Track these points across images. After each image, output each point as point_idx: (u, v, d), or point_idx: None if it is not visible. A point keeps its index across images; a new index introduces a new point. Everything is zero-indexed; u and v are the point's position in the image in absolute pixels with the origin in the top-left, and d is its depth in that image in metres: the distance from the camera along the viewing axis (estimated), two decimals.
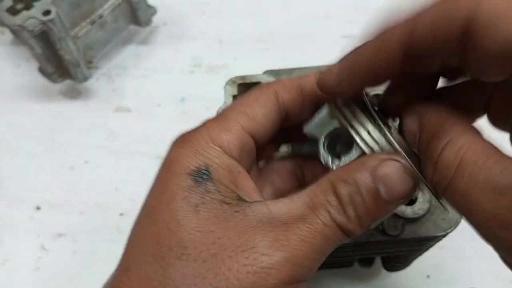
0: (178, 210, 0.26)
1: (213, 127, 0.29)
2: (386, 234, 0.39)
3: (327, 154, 0.30)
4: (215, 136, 0.28)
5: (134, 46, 0.72)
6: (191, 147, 0.28)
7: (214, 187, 0.27)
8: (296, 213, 0.26)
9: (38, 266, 0.55)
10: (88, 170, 0.61)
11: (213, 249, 0.25)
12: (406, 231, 0.39)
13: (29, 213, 0.58)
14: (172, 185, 0.27)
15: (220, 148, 0.28)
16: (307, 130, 0.31)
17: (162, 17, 0.72)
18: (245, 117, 0.29)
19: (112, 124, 0.65)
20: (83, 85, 0.66)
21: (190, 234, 0.25)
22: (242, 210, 0.26)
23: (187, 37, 0.72)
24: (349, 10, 0.74)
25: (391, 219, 0.39)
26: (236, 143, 0.28)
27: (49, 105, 0.67)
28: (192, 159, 0.27)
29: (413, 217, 0.39)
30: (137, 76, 0.69)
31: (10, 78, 0.70)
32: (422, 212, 0.39)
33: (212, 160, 0.28)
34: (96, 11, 0.63)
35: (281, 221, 0.26)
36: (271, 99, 0.30)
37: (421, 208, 0.39)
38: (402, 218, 0.39)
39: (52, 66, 0.62)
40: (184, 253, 0.25)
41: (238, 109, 0.30)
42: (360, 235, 0.28)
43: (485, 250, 0.50)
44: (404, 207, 0.39)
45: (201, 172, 0.27)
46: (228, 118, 0.29)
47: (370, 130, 0.28)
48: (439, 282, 0.52)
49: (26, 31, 0.55)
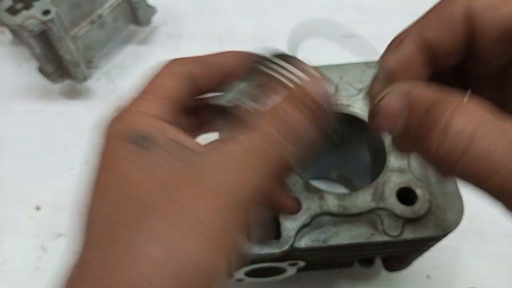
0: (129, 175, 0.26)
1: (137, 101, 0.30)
2: (387, 235, 0.39)
3: None
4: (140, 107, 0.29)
5: (134, 46, 0.72)
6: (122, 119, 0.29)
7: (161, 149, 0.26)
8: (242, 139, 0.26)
9: (38, 266, 0.55)
10: (88, 170, 0.61)
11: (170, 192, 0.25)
12: (406, 232, 0.39)
13: (29, 213, 0.58)
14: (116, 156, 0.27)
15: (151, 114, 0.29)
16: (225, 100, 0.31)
17: (162, 17, 0.72)
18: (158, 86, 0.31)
19: None
20: (83, 85, 0.66)
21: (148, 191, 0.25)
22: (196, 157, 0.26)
23: (187, 37, 0.72)
24: (349, 10, 0.74)
25: (392, 220, 0.39)
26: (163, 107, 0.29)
27: (49, 105, 0.67)
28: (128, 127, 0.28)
29: (413, 217, 0.39)
30: (137, 76, 0.69)
31: (10, 78, 0.70)
32: (422, 212, 0.39)
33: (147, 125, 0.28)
34: (96, 11, 0.63)
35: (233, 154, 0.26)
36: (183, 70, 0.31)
37: (421, 208, 0.39)
38: (402, 218, 0.39)
39: (52, 66, 0.62)
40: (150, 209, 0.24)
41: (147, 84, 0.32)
42: None
43: (485, 250, 0.50)
44: (403, 207, 0.39)
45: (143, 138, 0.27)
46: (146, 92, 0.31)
47: None
48: (439, 282, 0.52)
49: (26, 31, 0.55)
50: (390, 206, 0.40)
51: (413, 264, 0.49)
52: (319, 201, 0.40)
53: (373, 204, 0.40)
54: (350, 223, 0.40)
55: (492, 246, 0.53)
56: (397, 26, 0.31)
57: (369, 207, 0.40)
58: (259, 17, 0.74)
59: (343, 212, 0.40)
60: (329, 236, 0.39)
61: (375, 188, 0.41)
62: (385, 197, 0.40)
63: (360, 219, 0.40)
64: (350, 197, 0.41)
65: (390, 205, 0.40)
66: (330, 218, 0.40)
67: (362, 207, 0.40)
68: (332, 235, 0.40)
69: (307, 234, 0.40)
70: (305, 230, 0.40)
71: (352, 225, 0.40)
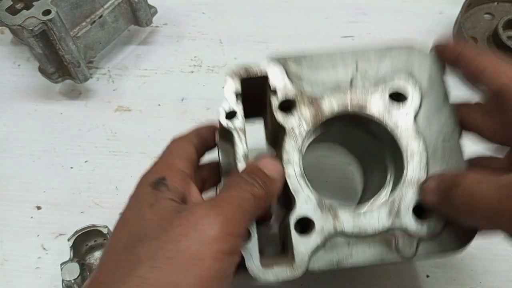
0: (140, 210, 0.35)
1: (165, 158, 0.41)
2: (401, 255, 0.39)
3: None
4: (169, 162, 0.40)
5: (134, 46, 0.72)
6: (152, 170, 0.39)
7: (167, 189, 0.36)
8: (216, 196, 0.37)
9: (38, 266, 0.55)
10: (88, 170, 0.61)
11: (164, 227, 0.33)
12: (420, 251, 0.39)
13: (29, 213, 0.58)
14: (138, 195, 0.37)
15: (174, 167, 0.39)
16: None
17: (162, 17, 0.72)
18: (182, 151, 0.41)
19: (112, 124, 0.65)
20: (83, 85, 0.66)
21: (148, 222, 0.34)
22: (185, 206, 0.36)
23: (187, 37, 0.72)
24: (349, 11, 0.74)
25: (406, 240, 0.39)
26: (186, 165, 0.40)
27: (49, 105, 0.67)
28: (153, 175, 0.38)
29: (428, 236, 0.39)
30: (137, 76, 0.69)
31: (10, 78, 0.70)
32: (438, 229, 0.39)
33: (169, 173, 0.38)
34: (96, 11, 0.63)
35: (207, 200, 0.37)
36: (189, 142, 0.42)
37: (437, 225, 0.39)
38: (417, 238, 0.39)
39: (52, 66, 0.62)
40: (145, 236, 0.33)
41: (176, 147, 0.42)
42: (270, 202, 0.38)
43: (485, 250, 0.50)
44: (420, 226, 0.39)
45: (158, 181, 0.37)
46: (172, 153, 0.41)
47: None
48: (439, 282, 0.52)
49: (25, 31, 0.55)
50: (405, 225, 0.39)
51: (412, 264, 0.49)
52: (333, 221, 0.39)
53: (389, 224, 0.39)
54: (364, 243, 0.39)
55: (492, 246, 0.53)
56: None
57: (385, 227, 0.39)
58: (259, 17, 0.74)
59: (358, 233, 0.39)
60: (343, 258, 0.39)
61: (391, 205, 0.40)
62: (401, 214, 0.39)
63: (374, 239, 0.39)
64: (365, 215, 0.39)
65: (405, 224, 0.39)
66: (344, 238, 0.39)
67: (377, 227, 0.39)
68: (346, 257, 0.39)
69: (320, 256, 0.39)
70: (319, 252, 0.39)
71: (366, 245, 0.39)
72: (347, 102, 0.41)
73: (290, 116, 0.41)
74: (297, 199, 0.39)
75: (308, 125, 0.41)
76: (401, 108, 0.42)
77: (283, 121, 0.41)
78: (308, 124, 0.41)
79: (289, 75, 0.42)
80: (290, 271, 0.38)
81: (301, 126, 0.41)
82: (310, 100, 0.41)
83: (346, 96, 0.42)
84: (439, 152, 0.41)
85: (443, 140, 0.41)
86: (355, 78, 0.42)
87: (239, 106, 0.41)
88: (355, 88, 0.42)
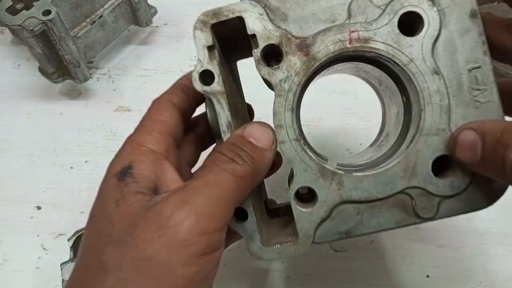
0: (106, 208, 0.32)
1: (135, 136, 0.35)
2: (419, 217, 0.34)
3: None
4: (138, 140, 0.34)
5: (134, 46, 0.72)
6: (118, 155, 0.34)
7: (133, 180, 0.32)
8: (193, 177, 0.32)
9: (38, 266, 0.55)
10: (88, 170, 0.61)
11: (130, 230, 0.30)
12: (442, 210, 0.34)
13: (29, 213, 0.58)
14: (103, 189, 0.33)
15: (144, 148, 0.34)
16: None
17: (162, 17, 0.72)
18: (158, 122, 0.35)
19: (112, 124, 0.65)
20: (83, 85, 0.66)
21: (113, 223, 0.30)
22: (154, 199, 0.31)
23: (187, 37, 0.72)
24: None
25: (425, 199, 0.34)
26: (159, 142, 0.34)
27: (49, 105, 0.67)
28: (119, 162, 0.33)
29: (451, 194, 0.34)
30: (137, 76, 0.69)
31: (10, 78, 0.70)
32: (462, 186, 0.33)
33: (136, 158, 0.33)
34: (96, 11, 0.63)
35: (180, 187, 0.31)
36: (169, 104, 0.37)
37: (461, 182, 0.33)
38: (438, 196, 0.34)
39: (52, 66, 0.62)
40: (111, 240, 0.30)
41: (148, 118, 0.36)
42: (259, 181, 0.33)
43: (485, 250, 0.50)
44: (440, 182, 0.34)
45: (124, 170, 0.32)
46: (144, 126, 0.36)
47: None
48: (439, 282, 0.52)
49: (26, 31, 0.55)
50: (424, 184, 0.33)
51: (412, 264, 0.49)
52: (338, 187, 0.34)
53: (404, 184, 0.33)
54: (375, 208, 0.34)
55: (492, 246, 0.53)
56: None
57: (398, 189, 0.34)
58: None
59: (367, 198, 0.34)
60: (353, 227, 0.34)
61: (405, 161, 0.34)
62: (417, 171, 0.33)
63: (387, 202, 0.34)
64: (375, 177, 0.34)
65: (424, 182, 0.33)
66: (352, 205, 0.34)
67: (390, 189, 0.34)
68: (356, 224, 0.34)
69: (326, 227, 0.34)
70: (325, 223, 0.34)
71: (378, 210, 0.34)
72: (345, 38, 0.33)
73: (275, 68, 0.34)
74: (294, 169, 0.34)
75: (298, 75, 0.34)
76: (415, 36, 0.33)
77: (267, 75, 0.34)
78: (299, 74, 0.34)
79: (270, 15, 0.34)
80: (294, 247, 0.34)
81: (290, 79, 0.34)
82: (298, 44, 0.33)
83: (343, 29, 0.33)
84: (465, 88, 0.33)
85: (471, 69, 0.33)
86: (354, 2, 0.34)
87: (214, 63, 0.34)
88: (354, 17, 0.33)
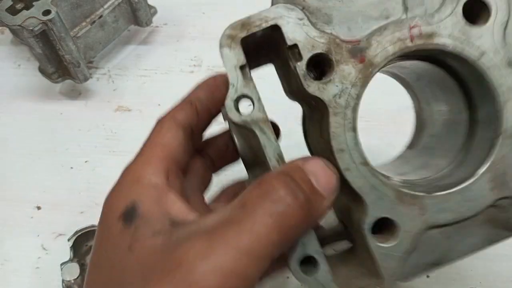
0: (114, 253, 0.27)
1: (133, 166, 0.31)
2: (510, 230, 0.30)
3: None
4: (137, 173, 0.30)
5: (134, 46, 0.72)
6: (117, 192, 0.30)
7: (143, 221, 0.27)
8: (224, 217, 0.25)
9: (38, 266, 0.55)
10: (88, 170, 0.61)
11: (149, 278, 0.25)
12: None
13: (29, 213, 0.58)
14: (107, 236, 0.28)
15: (144, 181, 0.29)
16: None
17: (162, 17, 0.72)
18: (158, 146, 0.31)
19: (112, 124, 0.65)
20: (83, 85, 0.66)
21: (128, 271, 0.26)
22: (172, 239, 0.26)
23: (187, 37, 0.72)
24: None
25: None
26: (159, 170, 0.30)
27: (49, 105, 0.67)
28: (120, 202, 0.29)
29: None
30: (137, 76, 0.69)
31: (10, 78, 0.70)
32: None
33: (138, 195, 0.29)
34: (96, 11, 0.63)
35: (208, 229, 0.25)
36: (171, 124, 0.32)
37: None
38: None
39: (52, 66, 0.62)
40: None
41: (149, 143, 0.32)
42: None
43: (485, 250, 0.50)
44: None
45: (129, 212, 0.28)
46: (144, 153, 0.31)
47: None
48: (439, 282, 0.52)
49: (26, 31, 0.55)
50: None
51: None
52: (421, 213, 0.29)
53: (494, 195, 0.29)
54: (465, 228, 0.30)
55: (492, 246, 0.53)
56: None
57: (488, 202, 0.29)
58: None
59: (456, 220, 0.29)
60: (443, 254, 0.30)
61: (493, 171, 0.29)
62: (508, 179, 0.29)
63: (478, 219, 0.30)
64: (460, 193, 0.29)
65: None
66: (439, 230, 0.30)
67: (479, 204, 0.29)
68: (446, 251, 0.30)
69: (414, 261, 0.30)
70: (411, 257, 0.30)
71: (468, 230, 0.30)
72: (406, 35, 0.28)
73: (326, 82, 0.28)
74: (366, 200, 0.29)
75: (356, 86, 0.28)
76: (485, 25, 0.28)
77: (318, 91, 0.28)
78: (356, 85, 0.28)
79: (311, 18, 0.28)
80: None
81: (346, 92, 0.28)
82: (350, 50, 0.28)
83: (401, 25, 0.28)
84: None
85: None
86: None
87: (250, 85, 0.28)
88: (412, 10, 0.28)
